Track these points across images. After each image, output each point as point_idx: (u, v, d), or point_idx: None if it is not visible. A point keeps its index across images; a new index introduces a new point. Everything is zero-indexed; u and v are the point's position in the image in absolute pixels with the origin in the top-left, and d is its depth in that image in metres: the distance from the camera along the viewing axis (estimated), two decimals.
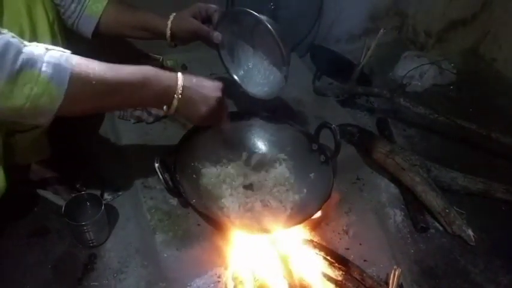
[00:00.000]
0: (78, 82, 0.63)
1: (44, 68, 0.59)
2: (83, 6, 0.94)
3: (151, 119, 1.20)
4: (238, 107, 1.32)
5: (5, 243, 0.95)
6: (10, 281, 0.89)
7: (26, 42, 0.60)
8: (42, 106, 0.61)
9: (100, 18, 0.96)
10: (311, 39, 1.70)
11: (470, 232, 1.08)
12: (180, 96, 0.76)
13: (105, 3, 0.96)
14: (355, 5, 1.73)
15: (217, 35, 1.01)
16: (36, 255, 0.94)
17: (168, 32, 0.99)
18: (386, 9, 1.84)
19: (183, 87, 0.77)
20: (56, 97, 0.61)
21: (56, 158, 1.07)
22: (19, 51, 0.57)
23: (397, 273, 0.92)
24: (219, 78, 0.88)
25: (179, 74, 0.78)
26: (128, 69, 0.71)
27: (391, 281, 0.92)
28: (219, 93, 0.83)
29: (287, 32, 1.56)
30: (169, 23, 0.99)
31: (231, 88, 1.40)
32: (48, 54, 0.61)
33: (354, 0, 1.71)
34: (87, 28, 0.97)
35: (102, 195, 1.06)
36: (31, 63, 0.58)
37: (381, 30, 1.44)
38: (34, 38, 0.82)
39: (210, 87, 0.83)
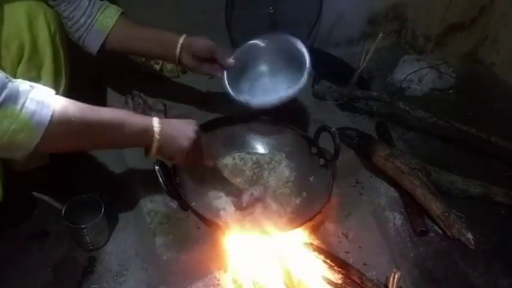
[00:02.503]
0: (59, 122, 0.63)
1: (26, 105, 0.59)
2: (93, 20, 0.94)
3: None
4: (237, 110, 1.32)
5: (5, 247, 0.95)
6: (10, 284, 0.89)
7: (11, 78, 0.60)
8: (19, 142, 0.61)
9: (109, 33, 0.96)
10: (310, 43, 1.70)
11: (469, 236, 1.08)
12: (158, 135, 0.77)
13: (116, 18, 0.96)
14: (354, 9, 1.73)
15: (231, 61, 1.04)
16: (36, 258, 0.94)
17: (180, 44, 1.00)
18: (385, 14, 1.85)
19: (160, 124, 0.78)
20: (34, 135, 0.61)
21: (56, 162, 1.07)
22: (3, 86, 0.57)
23: (396, 276, 0.92)
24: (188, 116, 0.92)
25: (154, 117, 0.79)
26: (107, 110, 0.73)
27: (390, 285, 0.92)
28: (194, 127, 0.84)
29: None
30: (183, 37, 1.00)
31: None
32: (33, 92, 0.61)
33: (353, 4, 1.72)
34: (94, 43, 0.97)
35: (101, 198, 1.06)
36: (14, 99, 0.58)
37: (380, 34, 1.44)
38: (34, 50, 0.82)
39: (184, 122, 0.84)
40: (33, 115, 0.59)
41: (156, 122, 0.78)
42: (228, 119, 1.12)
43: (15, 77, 0.79)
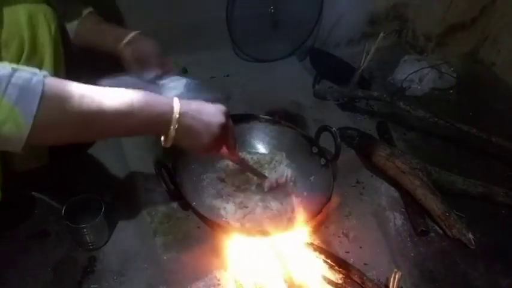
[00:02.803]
0: (51, 107, 0.54)
1: (8, 91, 0.50)
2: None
3: None
4: (238, 110, 1.32)
5: (5, 246, 0.95)
6: (10, 284, 0.89)
7: None
8: (7, 134, 0.52)
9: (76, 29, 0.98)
10: (311, 42, 1.70)
11: (470, 236, 1.08)
12: (177, 125, 0.66)
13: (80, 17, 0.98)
14: (354, 8, 1.73)
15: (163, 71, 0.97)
16: (36, 258, 0.94)
17: (128, 37, 0.96)
18: (385, 13, 1.85)
19: (180, 114, 0.66)
20: (23, 124, 0.52)
21: (56, 161, 1.07)
22: None
23: (397, 276, 0.92)
24: (219, 100, 0.77)
25: (175, 99, 0.67)
26: (113, 93, 0.61)
27: (391, 285, 0.92)
28: (222, 118, 0.73)
29: (287, 35, 1.58)
30: (135, 32, 0.98)
31: (232, 92, 1.41)
32: (16, 75, 0.51)
33: (354, 4, 1.72)
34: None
35: (101, 197, 1.06)
36: None
37: (381, 34, 1.44)
38: (34, 48, 0.81)
39: (211, 112, 0.72)
40: (16, 102, 0.51)
41: (176, 108, 0.66)
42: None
43: None
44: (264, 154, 1.12)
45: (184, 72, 1.46)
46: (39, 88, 0.52)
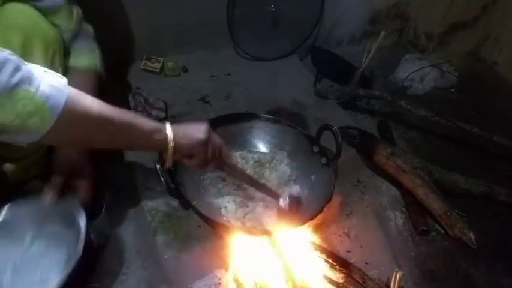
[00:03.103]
0: (72, 109, 0.61)
1: (41, 87, 0.57)
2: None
3: None
4: (239, 109, 1.32)
5: None
6: None
7: (24, 62, 0.58)
8: (31, 126, 0.58)
9: None
10: (312, 41, 1.70)
11: (471, 235, 1.08)
12: (172, 134, 0.76)
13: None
14: (356, 7, 1.73)
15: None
16: None
17: None
18: (387, 12, 1.84)
19: (172, 127, 0.77)
20: (48, 120, 0.58)
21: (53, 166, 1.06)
22: (17, 68, 0.55)
23: (398, 275, 0.92)
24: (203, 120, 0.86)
25: (166, 123, 0.77)
26: (119, 109, 0.69)
27: (392, 284, 0.92)
28: (205, 126, 0.83)
29: (287, 34, 1.58)
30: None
31: (232, 91, 1.41)
32: (47, 76, 0.59)
33: (355, 2, 1.72)
34: None
35: (102, 197, 1.06)
36: (29, 80, 0.56)
37: (382, 33, 1.44)
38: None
39: (194, 123, 0.83)
40: (47, 99, 0.57)
41: (167, 124, 0.77)
42: (229, 117, 1.11)
43: None
44: (264, 153, 1.12)
45: (184, 71, 1.46)
46: (65, 90, 0.60)
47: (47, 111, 0.58)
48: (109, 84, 1.02)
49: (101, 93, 0.92)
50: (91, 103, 0.64)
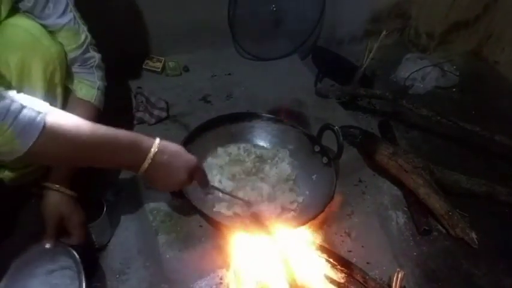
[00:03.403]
0: (45, 142, 0.62)
1: (13, 126, 0.58)
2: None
3: (153, 121, 1.21)
4: (240, 108, 1.32)
5: (7, 244, 0.95)
6: None
7: (4, 94, 0.59)
8: (1, 152, 0.61)
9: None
10: (313, 41, 1.70)
11: (473, 235, 1.08)
12: (150, 160, 0.73)
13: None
14: (357, 6, 1.73)
15: None
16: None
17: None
18: (388, 11, 1.84)
19: (157, 152, 0.74)
20: (18, 150, 0.60)
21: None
22: None
23: (400, 275, 0.92)
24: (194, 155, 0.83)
25: (157, 140, 0.75)
26: (104, 131, 0.69)
27: (393, 284, 0.91)
28: (189, 168, 0.80)
29: (289, 33, 1.58)
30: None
31: (233, 90, 1.41)
32: (24, 112, 0.59)
33: (356, 2, 1.71)
34: None
35: (104, 197, 1.06)
36: (2, 116, 0.58)
37: (383, 32, 1.44)
38: (20, 89, 0.78)
39: (183, 160, 0.79)
40: (18, 136, 0.59)
41: (155, 147, 0.74)
42: (231, 116, 1.11)
43: None
44: (268, 149, 1.12)
45: (185, 70, 1.46)
46: (40, 126, 0.61)
47: (16, 145, 0.60)
48: (110, 84, 1.02)
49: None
50: (72, 129, 0.64)
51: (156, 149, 0.74)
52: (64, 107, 0.90)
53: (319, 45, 1.71)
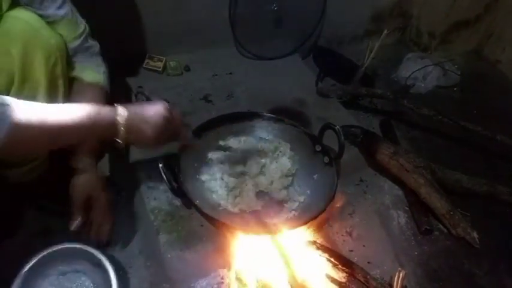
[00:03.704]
0: (17, 133, 0.61)
1: None
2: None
3: None
4: (241, 108, 1.32)
5: (9, 243, 0.95)
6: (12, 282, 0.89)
7: None
8: None
9: None
10: (314, 40, 1.70)
11: (474, 234, 1.08)
12: (123, 128, 0.75)
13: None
14: (358, 6, 1.73)
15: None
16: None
17: None
18: (389, 11, 1.84)
19: (126, 118, 0.76)
20: None
21: (58, 161, 1.06)
22: None
23: (401, 275, 0.92)
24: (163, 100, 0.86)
25: (119, 108, 0.76)
26: (71, 111, 0.70)
27: (395, 283, 0.91)
28: (162, 112, 0.81)
29: (290, 33, 1.57)
30: None
31: (234, 90, 1.41)
32: None
33: (357, 1, 1.71)
34: None
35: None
36: None
37: (384, 32, 1.44)
38: (24, 81, 0.80)
39: (152, 110, 0.81)
40: None
41: (120, 113, 0.76)
42: (231, 116, 1.11)
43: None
44: (269, 142, 1.11)
45: (186, 70, 1.46)
46: (8, 119, 0.60)
47: None
48: (111, 84, 1.02)
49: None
50: (39, 118, 0.64)
51: (124, 117, 0.75)
52: (65, 98, 0.90)
53: (320, 45, 1.71)
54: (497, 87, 1.79)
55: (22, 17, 0.79)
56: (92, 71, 0.96)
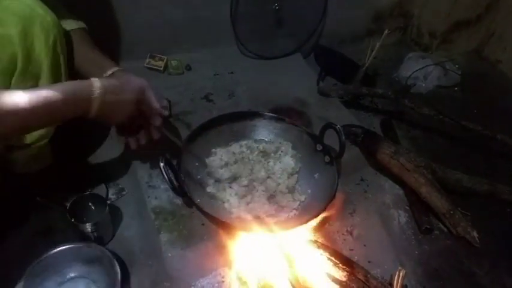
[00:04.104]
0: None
1: None
2: None
3: None
4: (243, 107, 1.32)
5: (10, 243, 0.95)
6: (15, 280, 0.89)
7: None
8: None
9: None
10: (315, 39, 1.70)
11: (475, 234, 1.08)
12: (96, 103, 0.77)
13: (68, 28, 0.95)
14: (359, 5, 1.73)
15: (166, 112, 0.98)
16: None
17: (109, 72, 0.93)
18: (390, 10, 1.84)
19: (100, 93, 0.77)
20: None
21: (60, 160, 1.07)
22: None
23: (401, 274, 0.92)
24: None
25: (94, 81, 0.77)
26: (45, 93, 0.70)
27: (395, 283, 0.92)
28: (135, 95, 0.84)
29: (291, 32, 1.58)
30: (115, 68, 0.94)
31: (236, 89, 1.41)
32: None
33: (358, 1, 1.71)
34: None
35: (106, 195, 1.06)
36: None
37: (385, 31, 1.44)
38: (28, 62, 0.80)
39: (128, 90, 0.83)
40: None
41: (96, 86, 0.76)
42: (232, 115, 1.12)
43: (9, 86, 0.78)
44: (270, 143, 1.12)
45: (188, 69, 1.46)
46: None
47: None
48: None
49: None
50: (16, 104, 0.65)
51: (99, 92, 0.76)
52: (66, 75, 0.90)
53: (322, 44, 1.71)
54: (498, 87, 1.79)
55: None
56: (70, 19, 0.96)
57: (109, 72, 0.93)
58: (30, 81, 0.83)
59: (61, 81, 0.89)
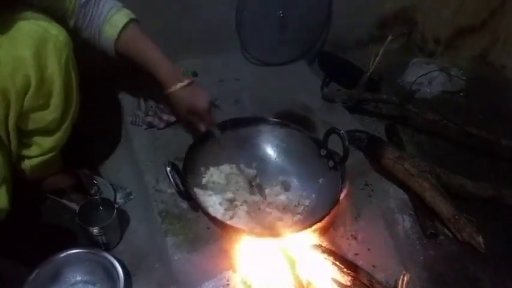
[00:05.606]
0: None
1: None
2: (100, 30, 0.96)
3: (162, 125, 1.22)
4: (247, 113, 1.33)
5: (20, 246, 0.97)
6: (21, 281, 0.90)
7: None
8: None
9: (117, 40, 0.97)
10: (319, 46, 1.71)
11: (480, 239, 1.07)
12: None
13: (120, 26, 0.96)
14: (363, 11, 1.74)
15: (218, 132, 1.05)
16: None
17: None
18: (394, 16, 1.85)
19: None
20: None
21: (69, 165, 1.08)
22: None
23: (405, 279, 0.92)
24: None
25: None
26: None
27: (399, 287, 0.92)
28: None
29: (295, 39, 1.59)
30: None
31: (241, 95, 1.43)
32: None
33: (362, 7, 1.73)
34: (108, 47, 0.99)
35: (114, 199, 1.08)
36: None
37: (389, 37, 1.45)
38: (41, 81, 0.81)
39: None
40: None
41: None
42: (237, 121, 1.13)
43: (21, 107, 0.81)
44: (272, 157, 1.12)
45: (194, 75, 1.48)
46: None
47: None
48: (119, 89, 1.04)
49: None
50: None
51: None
52: (78, 92, 0.92)
53: (326, 50, 1.72)
54: (503, 93, 1.79)
55: (28, 17, 0.79)
56: (119, 13, 0.97)
57: (184, 83, 1.02)
58: (42, 99, 0.85)
59: (73, 97, 0.91)
